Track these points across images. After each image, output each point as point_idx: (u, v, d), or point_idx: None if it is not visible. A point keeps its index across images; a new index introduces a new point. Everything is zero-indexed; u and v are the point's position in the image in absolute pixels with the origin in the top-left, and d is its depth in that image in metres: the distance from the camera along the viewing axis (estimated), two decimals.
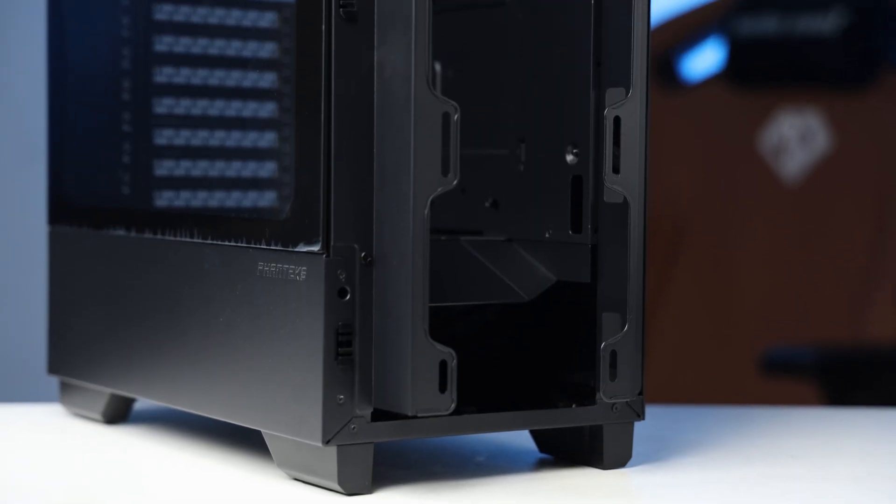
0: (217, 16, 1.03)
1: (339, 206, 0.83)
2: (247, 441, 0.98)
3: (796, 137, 2.00)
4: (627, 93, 0.87)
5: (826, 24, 1.93)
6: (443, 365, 0.82)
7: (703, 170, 2.08)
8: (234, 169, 1.05)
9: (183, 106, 1.04)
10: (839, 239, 1.96)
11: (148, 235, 0.98)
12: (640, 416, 0.92)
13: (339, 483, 0.84)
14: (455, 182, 0.82)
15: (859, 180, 1.96)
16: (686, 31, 2.11)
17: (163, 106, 1.05)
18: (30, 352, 1.75)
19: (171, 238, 0.96)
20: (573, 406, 0.90)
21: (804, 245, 1.99)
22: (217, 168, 1.05)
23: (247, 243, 0.88)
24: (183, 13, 1.04)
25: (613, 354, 0.87)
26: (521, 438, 0.98)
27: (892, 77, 1.93)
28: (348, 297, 0.83)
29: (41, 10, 1.11)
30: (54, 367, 1.11)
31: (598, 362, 0.88)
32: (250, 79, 1.04)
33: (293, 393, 0.84)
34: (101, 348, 1.04)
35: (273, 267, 0.86)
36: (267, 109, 1.03)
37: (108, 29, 1.07)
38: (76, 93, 1.10)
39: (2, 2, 2.14)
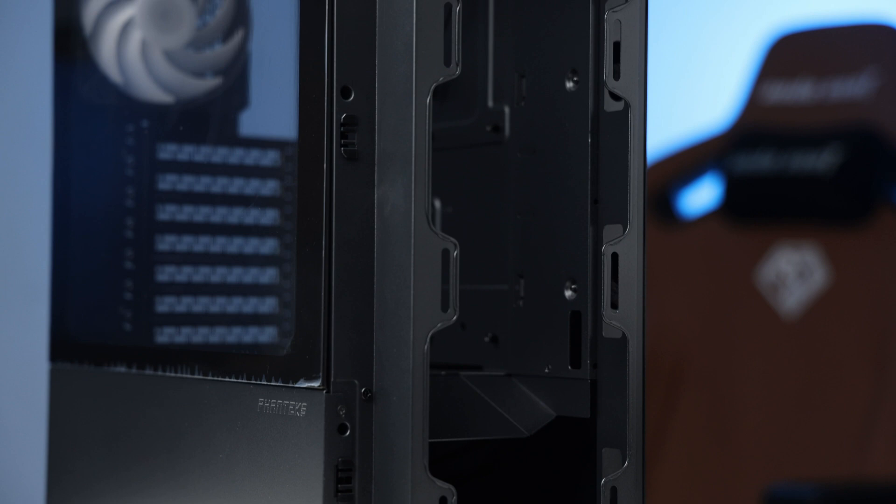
0: (220, 154, 1.05)
1: (339, 342, 0.83)
2: None
3: (794, 273, 2.01)
4: (625, 229, 0.88)
5: (820, 162, 1.96)
6: (443, 501, 0.81)
7: (702, 305, 2.08)
8: (236, 305, 1.06)
9: (185, 243, 1.05)
10: (839, 375, 1.96)
11: (149, 372, 0.98)
12: None
13: None
14: (455, 317, 0.82)
15: (858, 316, 1.96)
16: (682, 167, 2.13)
17: (165, 243, 1.06)
18: (28, 491, 1.74)
19: (172, 375, 0.96)
20: None
21: (804, 381, 1.98)
22: (218, 304, 1.06)
23: (247, 379, 0.89)
24: (187, 152, 1.05)
25: (614, 491, 0.87)
26: None
27: (888, 214, 1.95)
28: (348, 433, 0.83)
29: (46, 147, 1.13)
30: None
31: (598, 499, 0.88)
32: (252, 216, 1.05)
33: None
34: (100, 486, 1.04)
35: (273, 403, 0.86)
36: (268, 246, 1.04)
37: (113, 168, 1.08)
38: (79, 230, 1.11)
39: (8, 140, 2.16)
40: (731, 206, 2.06)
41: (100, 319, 1.10)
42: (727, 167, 2.06)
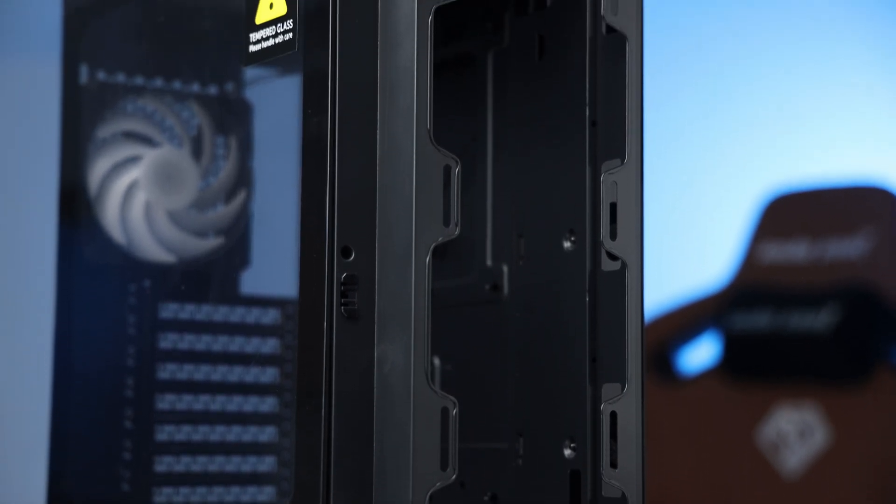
0: (221, 313, 1.05)
1: (338, 501, 0.83)
2: None
3: (795, 433, 2.00)
4: (623, 388, 0.88)
5: (818, 321, 1.96)
6: None
7: (703, 464, 2.07)
8: (234, 464, 1.05)
9: (185, 401, 1.05)
10: None
11: None
12: None
13: None
14: (454, 476, 0.82)
15: (860, 477, 1.95)
16: (681, 325, 2.14)
17: (165, 402, 1.06)
18: None
19: None
20: None
21: None
22: (217, 463, 1.05)
23: None
24: (188, 311, 1.06)
25: None
26: None
27: (886, 374, 1.95)
28: None
29: (49, 307, 1.13)
30: None
31: None
32: (252, 374, 1.05)
33: None
34: None
35: None
36: (268, 404, 1.04)
37: (114, 327, 1.09)
38: (79, 389, 1.12)
39: (10, 299, 2.17)
40: (730, 365, 2.06)
41: (97, 480, 1.10)
42: (725, 325, 2.06)
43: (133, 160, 1.07)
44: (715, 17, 2.45)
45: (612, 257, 0.90)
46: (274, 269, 1.04)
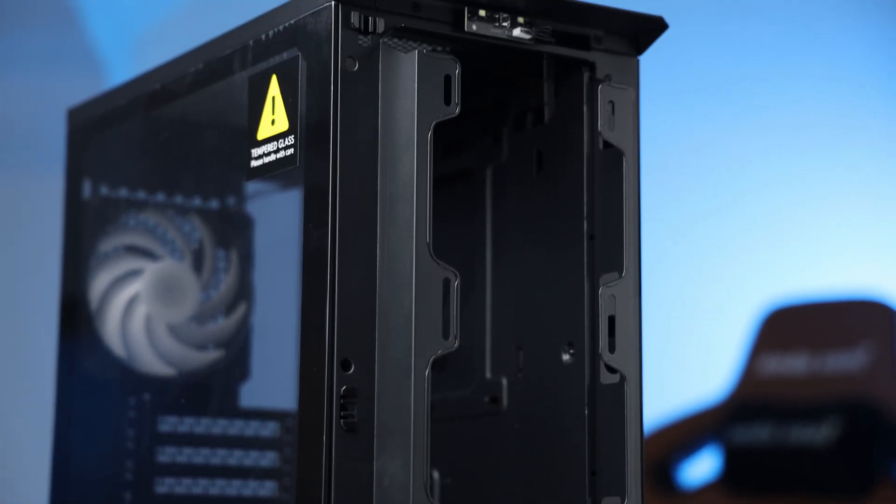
0: (220, 426, 1.05)
1: None
2: None
3: None
4: (623, 501, 0.88)
5: (818, 434, 1.96)
6: None
7: None
8: None
9: None
10: None
11: None
12: None
13: None
14: None
15: None
16: (681, 438, 2.13)
17: None
18: None
19: None
20: None
21: None
22: None
23: None
24: (187, 424, 1.06)
25: None
26: None
27: (887, 489, 1.94)
28: None
29: (49, 420, 1.13)
30: None
31: None
32: (251, 488, 1.05)
33: None
34: None
35: None
36: None
37: (113, 440, 1.09)
38: (77, 501, 1.11)
39: (10, 415, 2.17)
40: (730, 478, 2.05)
41: None
42: (726, 438, 2.06)
43: (134, 274, 1.07)
44: (712, 130, 2.48)
45: (611, 370, 0.90)
46: (273, 382, 1.04)
